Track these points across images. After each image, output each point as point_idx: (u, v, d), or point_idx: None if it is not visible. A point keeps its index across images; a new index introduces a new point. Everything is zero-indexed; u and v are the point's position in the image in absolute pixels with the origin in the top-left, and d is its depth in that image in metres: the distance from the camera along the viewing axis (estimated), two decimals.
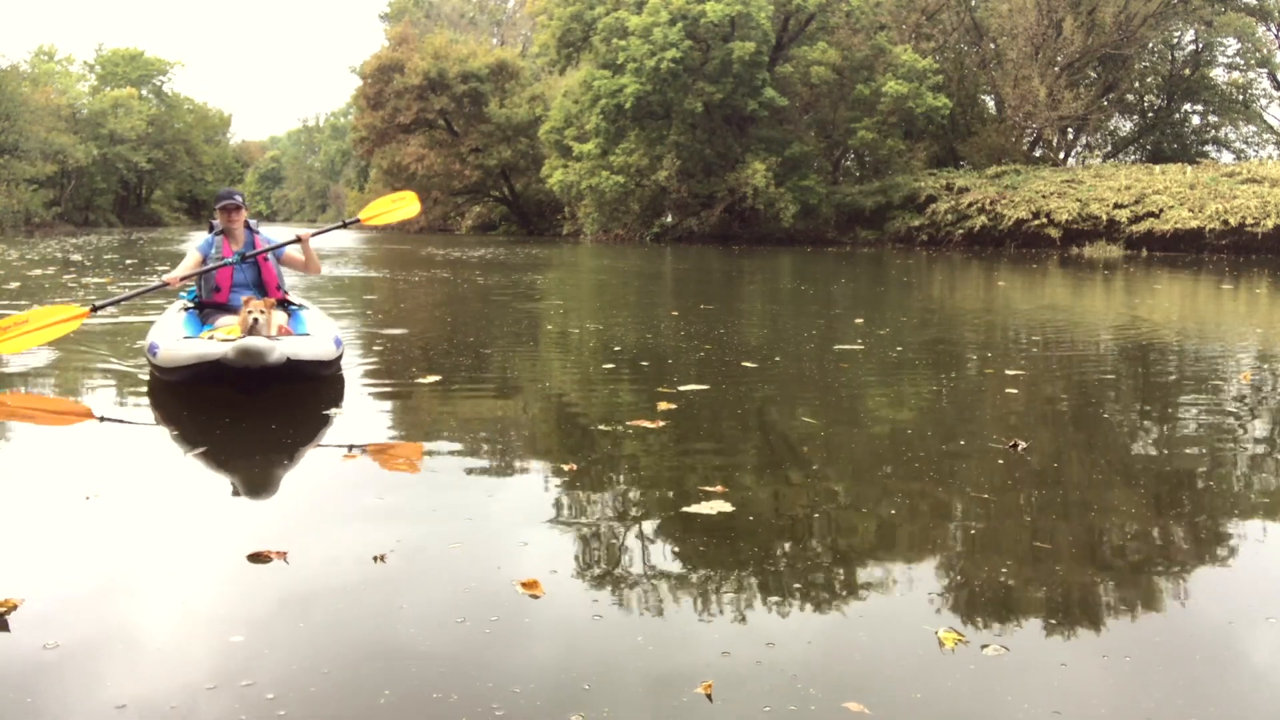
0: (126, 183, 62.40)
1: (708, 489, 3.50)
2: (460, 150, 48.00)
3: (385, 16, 68.71)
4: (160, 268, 17.54)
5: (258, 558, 2.78)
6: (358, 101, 52.22)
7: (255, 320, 4.85)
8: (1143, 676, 2.18)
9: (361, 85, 50.63)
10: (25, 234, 37.77)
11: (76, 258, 20.27)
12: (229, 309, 5.58)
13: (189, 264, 5.77)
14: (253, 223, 5.98)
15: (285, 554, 2.80)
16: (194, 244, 5.94)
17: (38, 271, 15.89)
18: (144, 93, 65.67)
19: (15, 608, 2.42)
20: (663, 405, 4.94)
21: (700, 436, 4.49)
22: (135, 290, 6.52)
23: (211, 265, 5.68)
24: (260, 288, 5.80)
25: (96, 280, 14.07)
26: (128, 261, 19.46)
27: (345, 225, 7.10)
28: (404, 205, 6.96)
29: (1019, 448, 4.12)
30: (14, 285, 13.07)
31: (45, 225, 46.18)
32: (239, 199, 5.88)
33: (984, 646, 2.30)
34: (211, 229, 5.98)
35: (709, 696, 2.04)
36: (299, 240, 5.98)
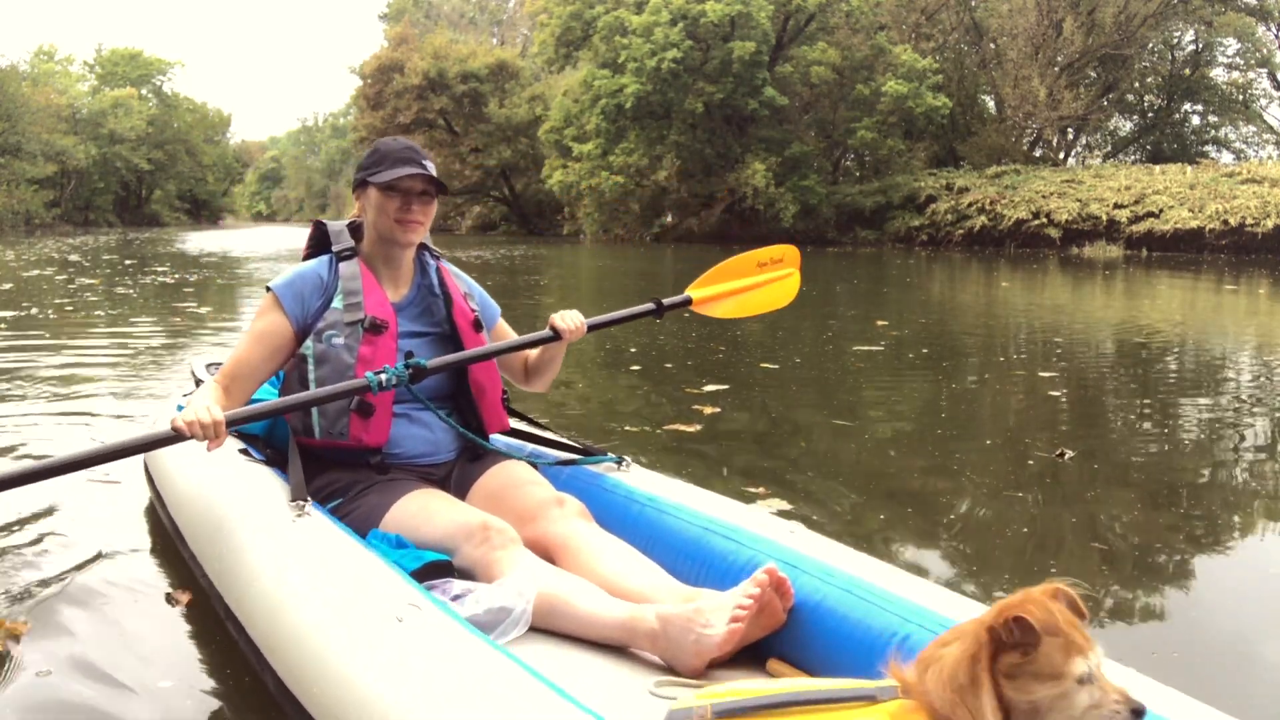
0: (126, 183, 62.34)
1: (752, 489, 3.51)
2: (460, 150, 47.99)
3: (385, 16, 68.71)
4: (160, 268, 17.54)
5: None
6: (357, 101, 52.24)
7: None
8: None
9: (361, 85, 50.64)
10: (25, 234, 37.78)
11: (75, 258, 20.27)
12: (371, 462, 2.21)
13: (268, 335, 2.24)
14: (432, 246, 2.45)
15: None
16: (291, 282, 2.27)
17: (35, 272, 15.88)
18: (144, 93, 65.61)
19: None
20: (695, 408, 4.93)
21: (739, 439, 4.47)
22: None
23: (344, 385, 2.10)
24: (465, 414, 2.38)
25: (88, 281, 14.06)
26: (127, 262, 19.46)
27: (661, 310, 2.60)
28: (779, 281, 2.86)
29: (1065, 456, 4.08)
30: (7, 286, 13.06)
31: (45, 225, 46.18)
32: (430, 166, 2.25)
33: None
34: (321, 244, 2.39)
35: None
36: (559, 335, 2.35)
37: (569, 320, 2.36)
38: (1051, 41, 32.48)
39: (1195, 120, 37.64)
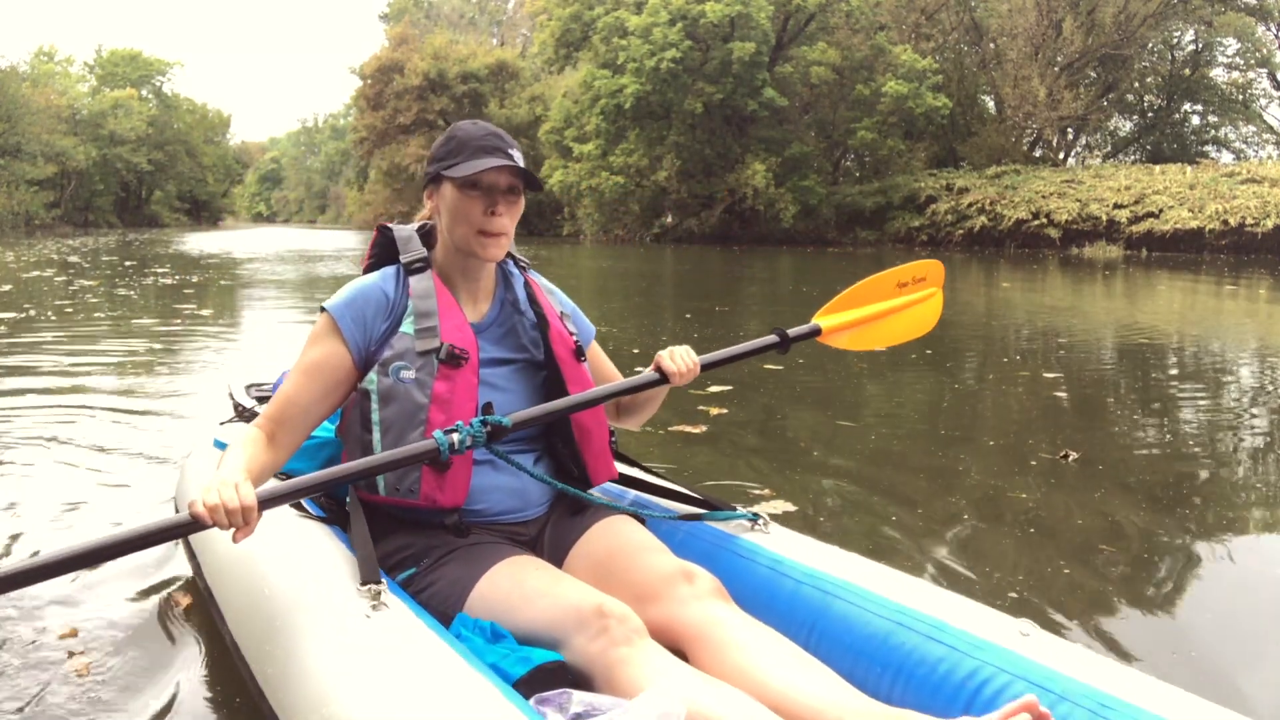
0: (126, 184, 62.35)
1: (757, 490, 3.51)
2: None
3: (385, 17, 68.72)
4: (160, 269, 17.53)
5: None
6: (357, 102, 52.28)
7: None
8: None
9: (361, 86, 50.67)
10: (25, 235, 37.77)
11: (74, 260, 20.26)
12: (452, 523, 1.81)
13: (323, 367, 1.82)
14: (517, 254, 2.04)
15: None
16: (350, 301, 1.84)
17: (34, 274, 15.87)
18: (143, 93, 65.63)
19: None
20: (700, 409, 4.93)
21: (744, 440, 4.47)
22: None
23: (406, 450, 1.68)
24: (562, 460, 1.99)
25: (87, 282, 14.05)
26: (127, 263, 19.45)
27: (786, 343, 2.18)
28: (922, 304, 2.45)
29: (1069, 458, 4.08)
30: (7, 287, 13.06)
31: (45, 226, 46.17)
32: (518, 155, 1.84)
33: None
34: (387, 253, 1.97)
35: None
36: (665, 378, 1.93)
37: (679, 360, 1.93)
38: (1051, 41, 32.49)
39: (1195, 120, 37.65)
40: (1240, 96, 36.50)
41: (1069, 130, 35.12)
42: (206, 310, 10.53)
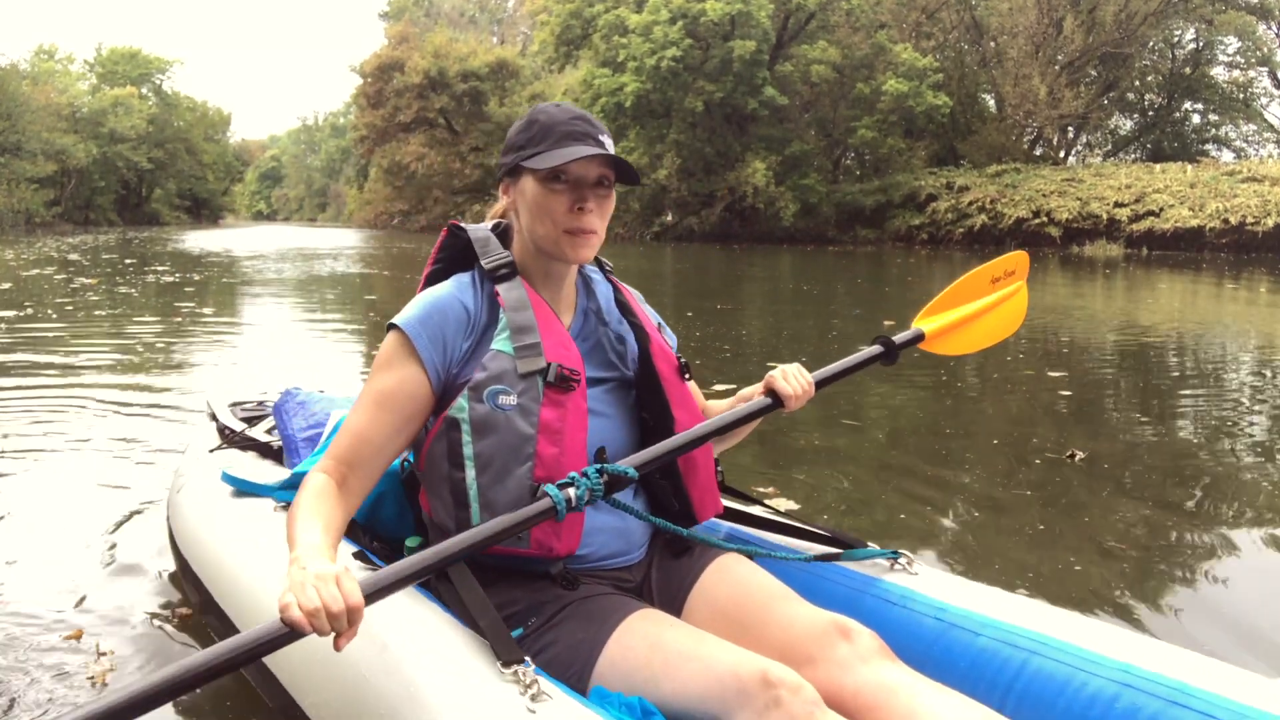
0: (127, 182, 62.30)
1: (760, 488, 3.50)
2: (460, 149, 48.01)
3: (385, 15, 68.67)
4: (160, 267, 17.53)
5: None
6: (358, 100, 52.25)
7: None
8: None
9: (361, 84, 50.64)
10: (25, 233, 37.76)
11: (74, 258, 20.26)
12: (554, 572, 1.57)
13: (399, 396, 1.55)
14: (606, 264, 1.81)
15: None
16: (426, 317, 1.57)
17: (34, 272, 15.87)
18: (144, 91, 65.59)
19: None
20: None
21: (748, 439, 4.46)
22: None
23: (521, 515, 1.46)
24: (661, 493, 1.73)
25: (88, 280, 14.05)
26: (127, 261, 19.45)
27: (893, 353, 2.04)
28: (1011, 299, 2.20)
29: (1076, 457, 4.07)
30: (7, 285, 13.05)
31: (45, 224, 46.16)
32: (609, 142, 1.59)
33: None
34: (458, 258, 1.72)
35: None
36: (780, 402, 1.80)
37: (794, 382, 1.77)
38: (1052, 40, 32.47)
39: (1196, 119, 37.64)
40: (1241, 95, 36.50)
41: (1069, 128, 35.11)
42: (207, 308, 10.53)
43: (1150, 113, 37.57)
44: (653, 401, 1.67)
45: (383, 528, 1.89)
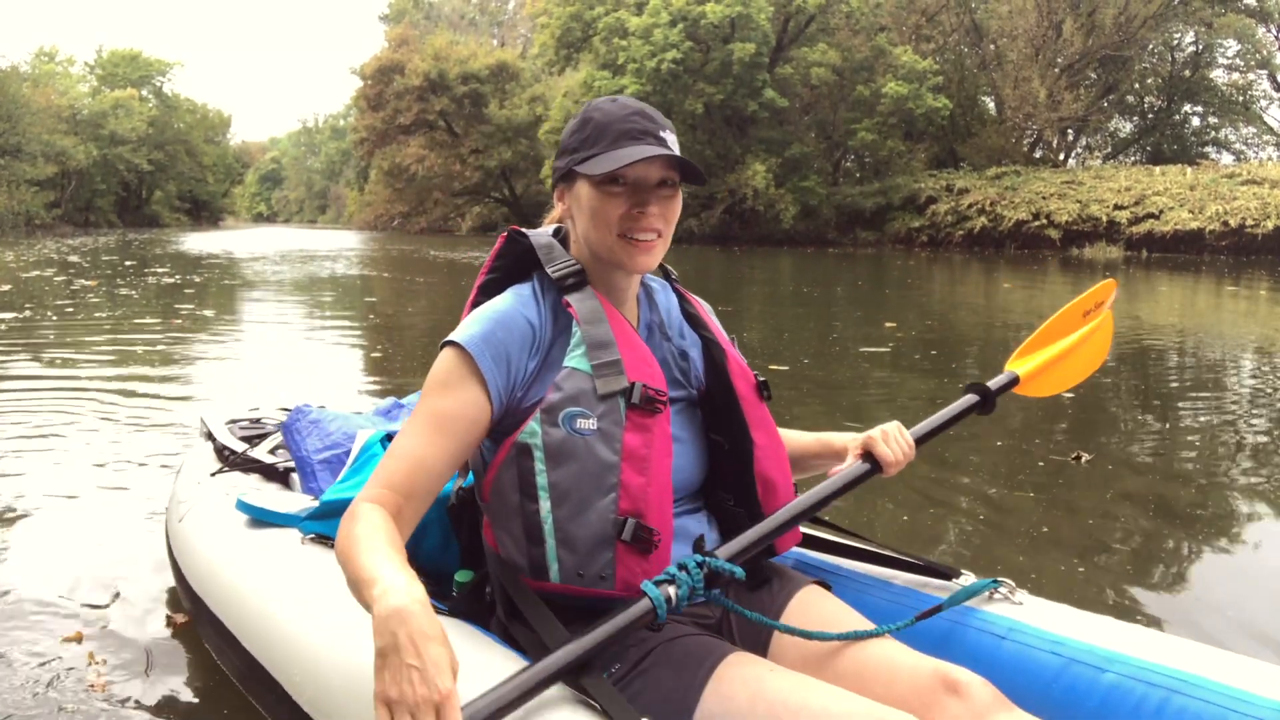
0: (127, 184, 62.30)
1: None
2: (460, 151, 48.04)
3: (385, 18, 68.76)
4: (160, 269, 17.53)
5: None
6: (358, 102, 52.28)
7: None
8: None
9: (362, 86, 50.68)
10: (25, 235, 37.76)
11: (74, 260, 20.26)
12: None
13: (460, 420, 1.39)
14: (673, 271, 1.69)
15: None
16: (488, 334, 1.42)
17: (34, 274, 15.87)
18: (144, 93, 65.62)
19: None
20: None
21: None
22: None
23: (626, 616, 1.31)
24: (733, 522, 1.57)
25: (88, 282, 14.04)
26: (127, 263, 19.44)
27: (990, 401, 1.86)
28: (1100, 330, 2.10)
29: (1081, 459, 4.06)
30: (6, 287, 13.05)
31: (45, 226, 46.16)
32: (672, 139, 1.47)
33: None
34: (517, 267, 1.57)
35: None
36: (879, 468, 1.69)
37: (895, 446, 1.65)
38: (1051, 43, 32.50)
39: (1195, 121, 37.69)
40: (1240, 98, 36.53)
41: (1069, 131, 35.13)
42: (208, 310, 10.53)
43: (1150, 115, 37.60)
44: (727, 423, 1.54)
45: (425, 559, 1.71)
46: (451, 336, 1.41)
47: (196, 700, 2.05)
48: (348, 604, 1.21)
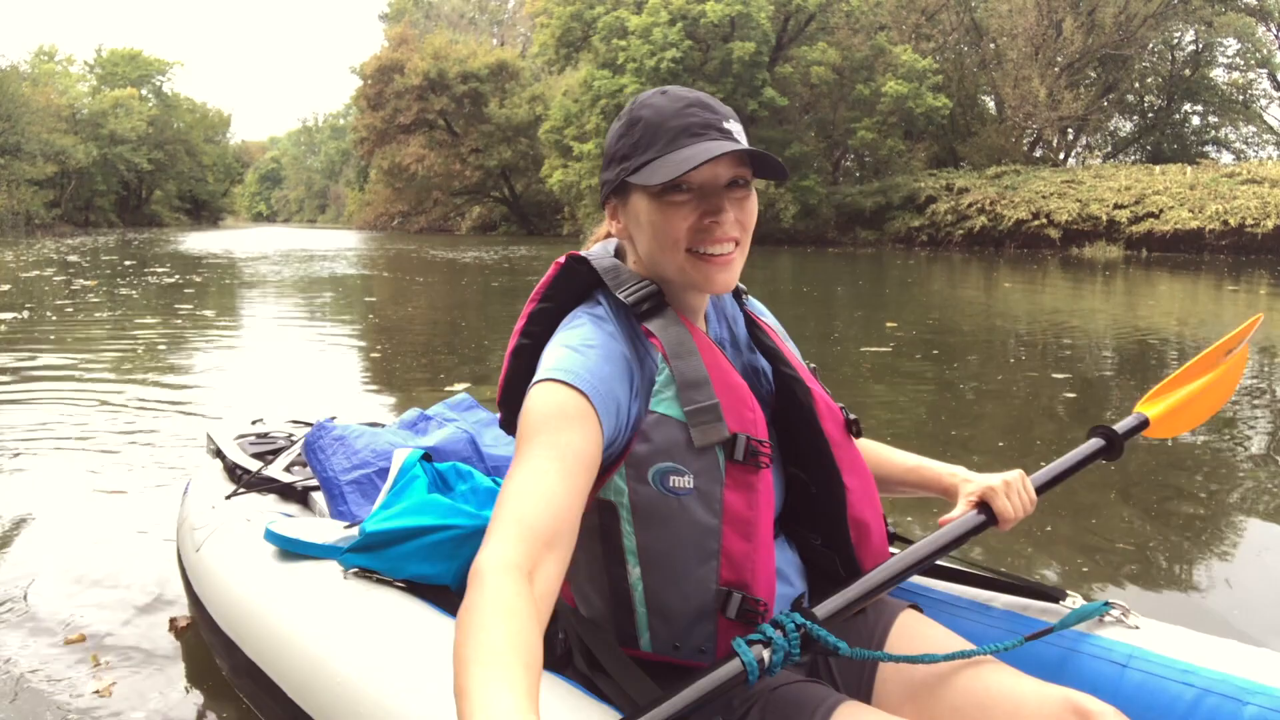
0: (127, 183, 62.32)
1: None
2: (460, 151, 48.04)
3: (385, 17, 68.74)
4: (160, 269, 17.52)
5: None
6: (358, 102, 52.25)
7: None
8: None
9: (361, 86, 50.65)
10: (25, 234, 37.74)
11: (74, 259, 20.25)
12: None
13: (585, 458, 1.10)
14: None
15: None
16: (596, 369, 1.16)
17: (34, 273, 15.86)
18: (144, 93, 65.63)
19: None
20: None
21: None
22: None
23: (710, 683, 1.10)
24: (818, 554, 1.42)
25: (87, 282, 14.04)
26: (127, 263, 19.44)
27: (1117, 446, 1.73)
28: (1235, 365, 1.97)
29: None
30: (6, 287, 13.05)
31: (45, 226, 46.15)
32: (736, 128, 1.23)
33: None
34: (572, 290, 1.35)
35: None
36: (995, 521, 1.47)
37: (1016, 501, 1.44)
38: (1051, 42, 32.50)
39: (1195, 120, 37.66)
40: (1240, 97, 36.52)
41: (1069, 130, 35.13)
42: (208, 310, 10.53)
43: (1150, 114, 37.59)
44: (813, 463, 1.34)
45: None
46: (552, 374, 1.14)
47: (198, 700, 2.05)
48: (412, 651, 1.02)
